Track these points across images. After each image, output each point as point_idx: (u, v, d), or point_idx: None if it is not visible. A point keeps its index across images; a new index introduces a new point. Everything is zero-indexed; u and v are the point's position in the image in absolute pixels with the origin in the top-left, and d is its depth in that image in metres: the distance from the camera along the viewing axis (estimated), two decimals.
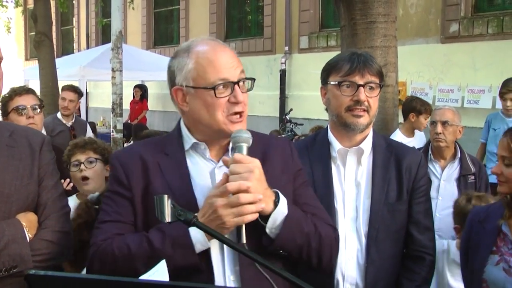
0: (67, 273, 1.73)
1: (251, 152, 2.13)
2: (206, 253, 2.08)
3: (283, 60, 15.36)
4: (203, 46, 2.22)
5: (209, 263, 2.09)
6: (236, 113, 2.17)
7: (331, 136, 2.85)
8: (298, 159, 2.43)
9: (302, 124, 12.94)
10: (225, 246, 2.08)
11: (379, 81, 2.79)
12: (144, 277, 1.72)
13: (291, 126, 13.10)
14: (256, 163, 2.08)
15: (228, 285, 2.10)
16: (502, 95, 6.99)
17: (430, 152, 4.87)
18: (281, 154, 2.35)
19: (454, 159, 4.83)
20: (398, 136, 6.14)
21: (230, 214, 2.01)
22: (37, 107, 4.28)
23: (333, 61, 2.84)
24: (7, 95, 4.33)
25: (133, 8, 16.22)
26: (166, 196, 1.86)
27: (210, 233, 1.86)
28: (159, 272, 1.75)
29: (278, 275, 1.80)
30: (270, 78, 15.81)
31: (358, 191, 2.79)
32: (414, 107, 6.62)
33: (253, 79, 2.28)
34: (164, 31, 20.84)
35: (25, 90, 4.36)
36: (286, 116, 13.77)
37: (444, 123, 4.78)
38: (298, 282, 1.64)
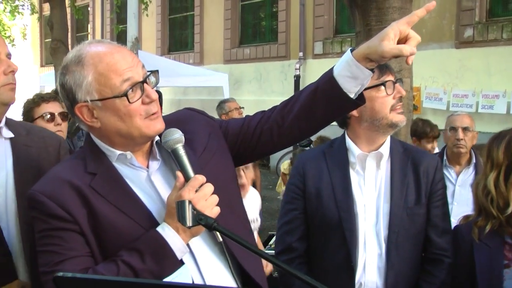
0: (95, 275, 1.74)
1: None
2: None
3: (297, 65, 15.38)
4: (95, 52, 1.99)
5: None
6: (153, 113, 2.02)
7: (349, 142, 2.88)
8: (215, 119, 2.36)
9: None
10: (193, 248, 2.02)
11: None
12: (168, 279, 1.73)
13: None
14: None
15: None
16: None
17: (445, 157, 4.87)
18: (198, 123, 2.27)
19: (469, 164, 4.84)
20: None
21: (210, 206, 1.94)
22: (64, 115, 4.33)
23: None
24: (32, 101, 4.36)
25: (147, 15, 16.31)
26: (187, 201, 1.82)
27: (232, 238, 1.78)
28: (182, 275, 1.76)
29: (294, 276, 1.72)
30: (285, 83, 15.84)
31: (378, 196, 2.82)
32: (415, 130, 5.89)
33: (156, 71, 2.09)
34: (179, 37, 20.94)
35: (53, 97, 4.39)
36: None
37: (464, 129, 4.78)
38: (316, 284, 1.64)
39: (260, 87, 16.63)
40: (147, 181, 2.08)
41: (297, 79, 15.38)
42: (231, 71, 16.85)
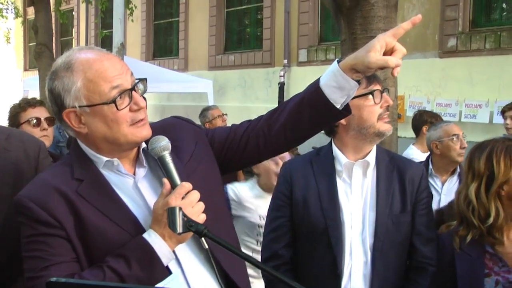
0: (89, 280, 1.75)
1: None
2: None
3: (281, 73, 15.42)
4: (84, 58, 2.01)
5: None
6: (139, 120, 2.04)
7: (336, 150, 2.91)
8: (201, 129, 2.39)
9: None
10: (178, 255, 2.03)
11: None
12: (161, 285, 1.74)
13: None
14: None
15: None
16: (503, 113, 6.97)
17: (430, 166, 4.90)
18: (185, 132, 2.29)
19: (453, 173, 4.87)
20: (413, 151, 6.11)
21: (196, 213, 1.96)
22: (51, 120, 4.33)
23: None
24: (18, 105, 4.36)
25: (132, 20, 16.29)
26: (177, 208, 1.83)
27: (222, 244, 1.81)
28: (174, 281, 1.77)
29: (282, 282, 1.74)
30: (269, 91, 15.87)
31: (364, 204, 2.85)
32: (425, 120, 6.33)
33: (145, 79, 2.11)
34: (164, 43, 20.92)
35: (39, 102, 4.39)
36: None
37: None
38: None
39: (245, 94, 16.65)
40: (133, 187, 2.09)
41: (281, 86, 15.41)
42: (215, 77, 16.86)
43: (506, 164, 2.73)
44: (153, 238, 1.95)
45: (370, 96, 2.80)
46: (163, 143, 2.06)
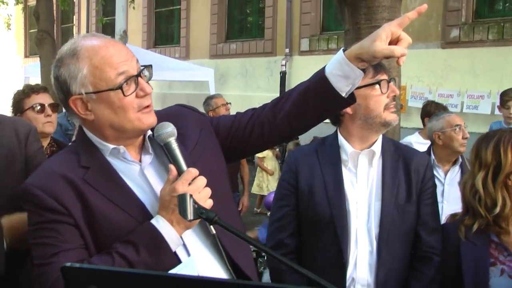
0: (104, 266, 1.76)
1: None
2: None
3: (283, 62, 15.43)
4: (90, 45, 2.01)
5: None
6: (146, 106, 2.04)
7: (342, 140, 2.91)
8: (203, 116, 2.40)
9: None
10: (186, 240, 2.04)
11: None
12: (174, 271, 1.75)
13: None
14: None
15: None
16: (504, 103, 7.00)
17: (433, 156, 4.90)
18: (190, 120, 2.29)
19: (455, 163, 4.88)
20: (414, 137, 6.31)
21: (203, 198, 1.97)
22: (54, 106, 4.34)
23: None
24: (22, 92, 4.37)
25: (133, 8, 16.25)
26: (188, 195, 1.83)
27: (231, 231, 1.82)
28: (187, 268, 1.78)
29: (289, 267, 1.76)
30: (270, 80, 15.89)
31: (369, 193, 2.85)
32: (428, 111, 6.49)
33: (150, 66, 2.12)
34: (165, 31, 20.90)
35: (42, 89, 4.40)
36: None
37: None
38: (312, 276, 1.66)
39: (246, 83, 16.66)
40: (140, 174, 2.10)
41: (283, 75, 15.42)
42: (217, 66, 16.85)
43: None
44: (161, 223, 1.95)
45: (377, 86, 2.79)
46: (169, 129, 2.06)
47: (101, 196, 1.99)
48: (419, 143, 6.01)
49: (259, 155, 10.59)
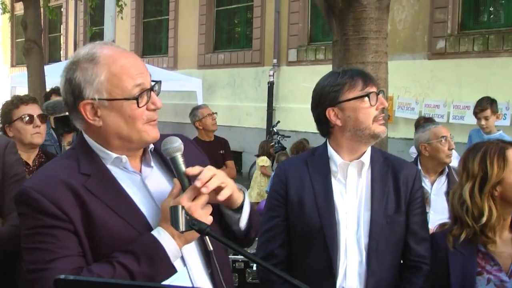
0: (97, 278, 1.76)
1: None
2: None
3: (271, 72, 15.44)
4: (109, 52, 2.04)
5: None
6: (154, 120, 2.09)
7: (331, 151, 2.94)
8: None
9: (289, 137, 13.02)
10: (185, 254, 2.06)
11: None
12: (167, 282, 1.76)
13: (278, 138, 13.17)
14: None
15: None
16: (476, 114, 7.17)
17: (419, 167, 4.94)
18: (193, 151, 2.35)
19: (442, 174, 4.92)
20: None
21: (205, 215, 1.99)
22: (43, 117, 4.34)
23: (340, 81, 2.87)
24: (10, 102, 4.36)
25: (122, 17, 16.23)
26: (180, 206, 1.85)
27: (223, 243, 1.86)
28: (180, 279, 1.79)
29: (280, 277, 1.80)
30: (258, 90, 15.91)
31: (359, 204, 2.88)
32: (416, 127, 6.50)
33: (159, 82, 2.15)
34: (153, 41, 20.89)
35: (32, 99, 4.40)
36: (274, 128, 13.85)
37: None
38: (302, 286, 1.68)
39: (234, 93, 16.67)
40: (141, 184, 2.12)
41: (270, 85, 15.45)
42: (205, 76, 16.87)
43: (499, 165, 2.82)
44: (162, 235, 1.97)
45: (366, 98, 2.83)
46: (177, 144, 2.08)
47: (102, 204, 1.99)
48: None
49: (262, 163, 10.75)
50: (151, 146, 2.17)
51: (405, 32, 12.40)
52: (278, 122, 14.17)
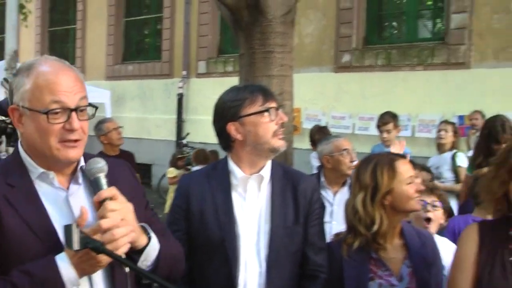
0: None
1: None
2: None
3: (181, 84, 15.41)
4: (45, 66, 2.10)
5: None
6: (70, 140, 2.09)
7: (232, 165, 2.98)
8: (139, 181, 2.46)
9: None
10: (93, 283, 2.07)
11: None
12: None
13: (188, 150, 13.14)
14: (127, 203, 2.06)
15: None
16: (378, 127, 7.47)
17: (323, 179, 5.05)
18: (127, 177, 2.36)
19: (344, 185, 5.05)
20: None
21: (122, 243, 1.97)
22: None
23: (241, 96, 2.92)
24: None
25: (26, 26, 15.78)
26: (74, 225, 1.84)
27: (121, 261, 1.84)
28: None
29: None
30: (168, 102, 15.81)
31: (259, 216, 2.93)
32: (311, 135, 6.53)
33: (95, 107, 2.20)
34: (60, 50, 20.28)
35: None
36: (183, 141, 13.82)
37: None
38: None
39: (143, 105, 16.49)
40: (64, 202, 2.13)
41: (180, 97, 15.41)
42: (113, 87, 16.60)
43: (389, 176, 2.98)
44: (64, 263, 1.95)
45: (266, 113, 2.89)
46: (100, 165, 2.10)
47: (18, 217, 2.00)
48: None
49: (169, 175, 10.66)
50: (82, 163, 2.19)
51: (312, 46, 12.68)
52: (188, 134, 14.15)
